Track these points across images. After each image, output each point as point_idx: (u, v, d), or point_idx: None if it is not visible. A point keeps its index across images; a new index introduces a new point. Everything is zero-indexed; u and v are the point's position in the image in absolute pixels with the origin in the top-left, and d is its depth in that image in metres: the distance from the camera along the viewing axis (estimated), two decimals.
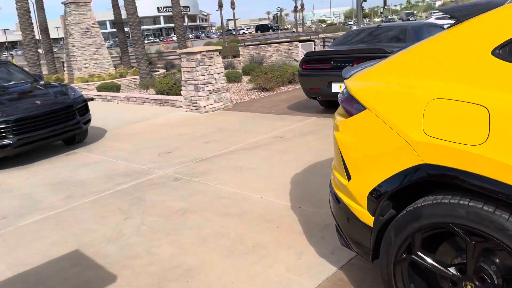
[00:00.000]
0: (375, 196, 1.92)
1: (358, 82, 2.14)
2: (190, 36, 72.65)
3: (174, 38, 77.24)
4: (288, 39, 26.93)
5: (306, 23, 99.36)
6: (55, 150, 6.75)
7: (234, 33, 70.32)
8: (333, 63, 6.70)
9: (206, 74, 8.46)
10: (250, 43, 27.52)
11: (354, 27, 54.43)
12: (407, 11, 79.49)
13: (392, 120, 1.82)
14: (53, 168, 5.74)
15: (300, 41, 23.62)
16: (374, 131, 1.91)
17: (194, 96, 8.53)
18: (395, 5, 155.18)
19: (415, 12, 77.59)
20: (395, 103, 1.84)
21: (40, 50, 24.96)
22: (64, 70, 20.93)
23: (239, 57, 24.70)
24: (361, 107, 2.01)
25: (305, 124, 6.66)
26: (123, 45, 21.84)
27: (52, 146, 6.99)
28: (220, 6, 66.86)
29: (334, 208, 2.31)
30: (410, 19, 59.46)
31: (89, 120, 6.72)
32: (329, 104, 7.69)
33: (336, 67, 6.65)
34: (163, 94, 10.78)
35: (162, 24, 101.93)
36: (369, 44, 7.19)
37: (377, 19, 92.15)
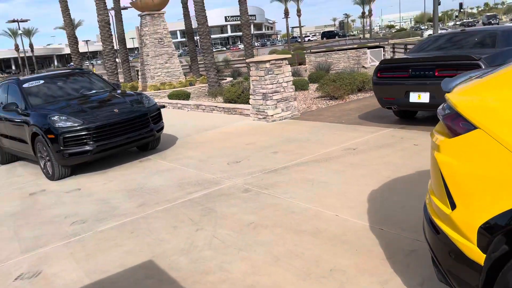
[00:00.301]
0: (489, 231, 1.64)
1: (465, 97, 1.88)
2: (256, 44, 73.70)
3: (241, 46, 79.15)
4: (356, 46, 26.26)
5: (374, 29, 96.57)
6: (130, 156, 7.02)
7: (300, 40, 70.22)
8: (411, 71, 6.28)
9: (274, 82, 8.38)
10: (316, 50, 27.21)
11: (427, 32, 51.83)
12: (488, 14, 74.13)
13: None
14: (128, 174, 5.94)
15: (369, 48, 22.89)
16: (488, 154, 1.64)
17: (262, 105, 8.49)
18: (471, 8, 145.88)
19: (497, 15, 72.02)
20: None
21: (117, 60, 26.63)
22: (138, 78, 22.11)
23: (304, 65, 24.48)
24: (470, 126, 1.75)
25: (380, 136, 6.30)
26: (192, 54, 22.59)
27: (127, 152, 7.28)
28: (286, 13, 67.21)
29: (431, 238, 2.05)
30: (492, 22, 55.32)
31: (162, 128, 6.90)
32: (405, 114, 7.23)
33: (415, 76, 6.23)
34: (231, 102, 10.89)
35: (229, 33, 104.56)
36: (451, 51, 6.67)
37: (450, 23, 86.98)
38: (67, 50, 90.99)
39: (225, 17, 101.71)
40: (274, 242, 3.36)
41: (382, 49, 22.84)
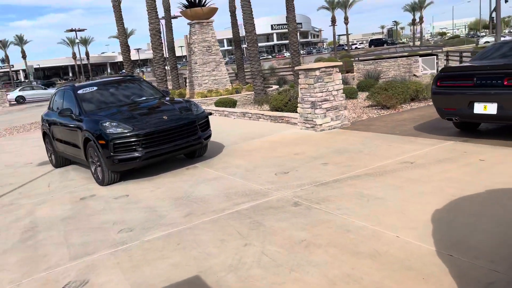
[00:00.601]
0: None
1: None
2: (302, 52, 73.35)
3: (286, 54, 79.17)
4: (406, 54, 25.32)
5: (424, 36, 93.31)
6: (177, 163, 7.00)
7: (346, 48, 69.18)
8: (476, 80, 5.81)
9: (324, 91, 8.11)
10: (365, 58, 26.54)
11: (484, 40, 49.24)
12: None
13: None
14: (175, 181, 5.89)
15: (421, 56, 21.97)
16: None
17: (310, 113, 8.24)
18: None
19: None
20: None
21: (166, 67, 27.36)
22: (186, 86, 22.54)
23: (352, 72, 23.95)
24: None
25: (440, 149, 5.86)
26: (239, 62, 22.74)
27: (174, 159, 7.28)
28: (333, 21, 66.47)
29: None
30: None
31: (210, 136, 6.83)
32: (467, 126, 6.71)
33: (480, 85, 5.75)
34: (277, 111, 10.72)
35: (275, 41, 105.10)
36: None
37: (506, 30, 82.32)
38: (120, 58, 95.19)
39: (271, 26, 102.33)
40: (329, 263, 3.11)
41: (435, 57, 21.82)
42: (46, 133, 8.31)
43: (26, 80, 69.91)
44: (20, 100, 32.95)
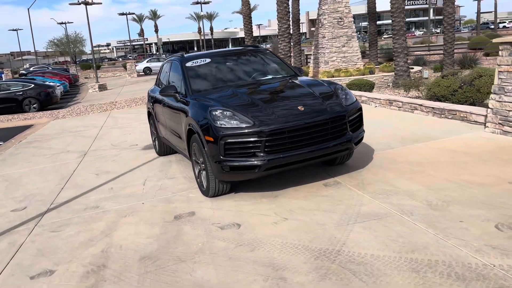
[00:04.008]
0: None
1: None
2: (434, 30, 64.72)
3: (417, 32, 70.67)
4: None
5: None
6: (308, 170, 4.90)
7: (493, 26, 59.15)
8: None
9: None
10: None
11: None
12: None
13: None
14: (311, 210, 3.79)
15: None
16: None
17: None
18: None
19: None
20: None
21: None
22: (308, 63, 20.33)
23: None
24: None
25: None
26: (372, 37, 19.67)
27: None
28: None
29: None
30: None
31: (362, 139, 4.55)
32: None
33: None
34: (438, 100, 7.91)
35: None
36: None
37: None
38: (241, 34, 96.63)
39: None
40: None
41: None
42: (150, 113, 6.91)
43: (157, 53, 74.90)
44: (147, 71, 34.35)
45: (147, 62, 35.80)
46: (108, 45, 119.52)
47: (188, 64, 5.36)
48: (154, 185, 5.27)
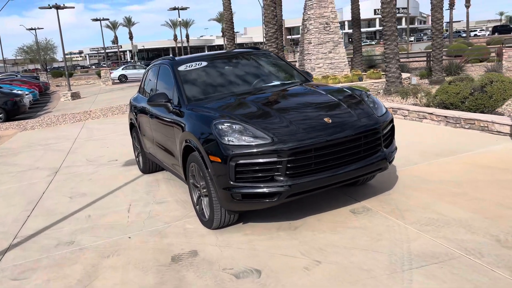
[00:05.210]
0: None
1: None
2: (406, 38, 65.83)
3: None
4: None
5: None
6: (325, 192, 4.14)
7: (464, 35, 60.56)
8: None
9: None
10: None
11: None
12: None
13: None
14: (346, 249, 3.03)
15: None
16: None
17: None
18: None
19: None
20: None
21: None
22: None
23: (490, 61, 19.40)
24: None
25: None
26: (357, 43, 19.26)
27: None
28: (452, 4, 58.31)
29: None
30: None
31: (394, 157, 3.82)
32: None
33: None
34: (446, 108, 7.34)
35: (377, 27, 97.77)
36: None
37: None
38: (217, 42, 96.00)
39: (374, 10, 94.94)
40: None
41: None
42: (133, 125, 6.03)
43: (132, 60, 73.17)
44: (122, 79, 33.07)
45: (122, 69, 34.49)
46: (80, 52, 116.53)
47: (181, 68, 4.54)
48: (141, 211, 4.41)
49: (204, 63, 4.64)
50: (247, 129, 3.25)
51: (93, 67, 72.69)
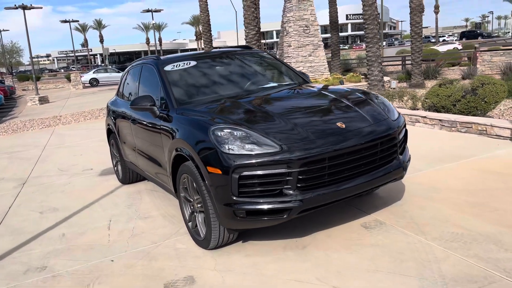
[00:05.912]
0: None
1: None
2: (383, 44, 67.26)
3: (364, 45, 72.90)
4: None
5: None
6: None
7: (434, 40, 62.19)
8: None
9: None
10: (491, 47, 21.76)
11: None
12: None
13: None
14: (367, 272, 2.65)
15: None
16: None
17: None
18: None
19: None
20: None
21: None
22: None
23: (461, 66, 19.86)
24: None
25: None
26: (335, 47, 19.15)
27: None
28: (422, 10, 59.83)
29: None
30: None
31: (409, 160, 3.50)
32: None
33: None
34: (437, 111, 7.16)
35: (349, 32, 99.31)
36: None
37: None
38: (190, 45, 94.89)
39: (346, 15, 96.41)
40: None
41: None
42: (111, 131, 5.50)
43: (102, 64, 71.29)
44: (93, 83, 31.94)
45: (93, 73, 33.34)
46: (48, 56, 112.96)
47: (168, 68, 4.08)
48: (123, 229, 3.91)
49: (193, 63, 4.19)
50: (250, 136, 2.84)
51: (62, 70, 70.40)
